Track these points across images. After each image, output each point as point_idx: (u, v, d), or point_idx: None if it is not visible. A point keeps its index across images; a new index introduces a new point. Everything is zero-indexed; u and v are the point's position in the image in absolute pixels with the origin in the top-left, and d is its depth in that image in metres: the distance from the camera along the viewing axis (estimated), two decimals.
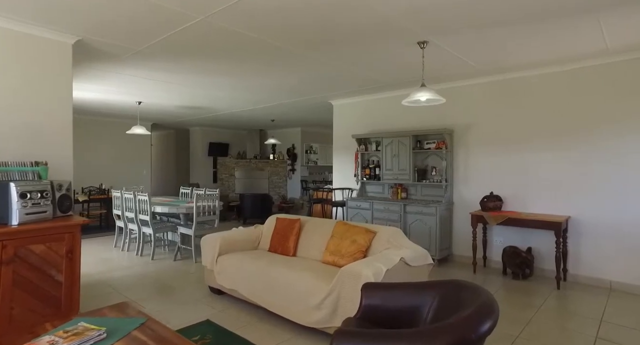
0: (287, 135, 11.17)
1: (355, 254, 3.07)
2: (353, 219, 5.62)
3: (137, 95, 5.93)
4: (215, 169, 11.16)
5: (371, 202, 5.39)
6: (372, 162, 5.92)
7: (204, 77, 4.75)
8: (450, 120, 5.11)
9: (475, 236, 4.42)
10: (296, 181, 11.05)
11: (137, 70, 4.36)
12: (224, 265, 3.47)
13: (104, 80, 4.81)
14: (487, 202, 4.41)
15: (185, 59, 3.94)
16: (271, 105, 6.78)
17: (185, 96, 5.99)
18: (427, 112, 5.35)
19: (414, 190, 5.45)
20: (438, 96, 3.35)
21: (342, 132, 6.45)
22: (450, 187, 5.06)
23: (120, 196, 5.56)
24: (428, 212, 4.82)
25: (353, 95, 5.97)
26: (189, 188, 6.58)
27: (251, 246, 3.92)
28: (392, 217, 5.15)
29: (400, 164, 5.36)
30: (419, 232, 4.90)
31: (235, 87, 5.34)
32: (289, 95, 5.92)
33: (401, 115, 5.65)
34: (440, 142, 5.03)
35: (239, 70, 4.41)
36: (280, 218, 3.88)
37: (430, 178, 5.20)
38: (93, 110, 7.38)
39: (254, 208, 8.20)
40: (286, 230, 3.71)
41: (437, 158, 5.18)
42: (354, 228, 3.24)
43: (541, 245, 4.31)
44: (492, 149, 4.71)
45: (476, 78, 4.78)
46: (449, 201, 5.01)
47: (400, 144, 5.35)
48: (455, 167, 5.07)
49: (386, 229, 3.20)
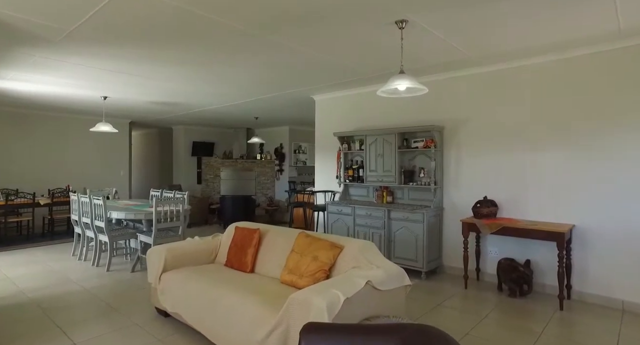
0: (275, 134, 10.65)
1: (317, 273, 2.55)
2: (334, 225, 5.10)
3: (100, 90, 5.41)
4: (199, 170, 10.64)
5: (353, 207, 4.87)
6: (356, 162, 5.40)
7: (163, 67, 4.23)
8: (440, 116, 4.58)
9: (467, 246, 3.90)
10: (284, 182, 10.53)
11: (81, 57, 3.83)
12: (167, 284, 2.95)
13: (48, 69, 4.28)
14: (480, 208, 3.88)
15: (129, 43, 3.42)
16: (249, 100, 6.26)
17: (152, 90, 5.47)
18: (414, 107, 4.83)
19: (400, 194, 4.92)
20: (419, 85, 2.83)
21: (324, 129, 5.93)
22: (440, 191, 4.53)
23: (77, 199, 5.04)
24: (414, 218, 4.29)
25: (335, 89, 5.45)
26: (159, 190, 6.06)
27: (207, 259, 3.40)
28: (376, 224, 4.62)
29: (385, 165, 4.84)
30: (405, 241, 4.37)
31: (205, 80, 4.81)
32: (266, 89, 5.39)
33: (386, 111, 5.13)
34: (428, 140, 4.50)
35: (202, 59, 3.89)
36: (239, 227, 3.36)
37: (418, 180, 4.67)
38: (56, 106, 6.85)
39: (235, 211, 7.68)
40: (244, 241, 3.19)
41: (426, 158, 4.65)
42: (317, 242, 2.71)
43: (541, 258, 3.78)
44: (486, 148, 4.19)
45: (468, 69, 4.25)
46: (438, 206, 4.48)
47: (385, 143, 4.83)
48: (445, 168, 4.55)
49: (355, 243, 2.67)
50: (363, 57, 3.85)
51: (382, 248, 4.54)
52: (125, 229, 5.00)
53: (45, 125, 7.62)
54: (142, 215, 4.52)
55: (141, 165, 12.02)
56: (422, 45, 3.49)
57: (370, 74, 4.48)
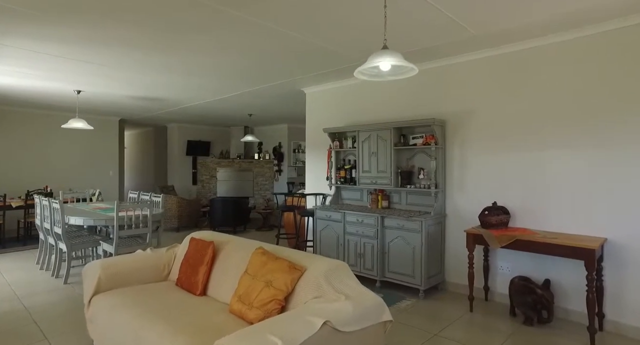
0: (273, 132, 10.11)
1: (269, 304, 1.97)
2: (322, 233, 4.51)
3: (71, 82, 4.94)
4: (194, 170, 10.18)
5: (343, 213, 4.27)
6: (349, 162, 4.80)
7: (124, 56, 3.71)
8: (442, 109, 3.94)
9: (473, 262, 3.26)
10: (283, 183, 9.98)
11: (32, 41, 3.34)
12: (96, 310, 2.41)
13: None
14: (488, 216, 3.24)
15: (71, 20, 2.90)
16: (235, 95, 5.72)
17: (123, 83, 4.97)
18: (411, 99, 4.20)
19: (397, 198, 4.30)
20: (406, 62, 2.22)
21: (315, 125, 5.34)
22: (442, 195, 3.90)
23: (39, 203, 4.57)
24: (411, 227, 3.67)
25: (324, 80, 4.86)
26: (137, 192, 5.57)
27: (157, 276, 2.85)
28: (367, 232, 4.01)
29: (379, 165, 4.22)
30: (400, 253, 3.76)
31: (173, 69, 4.29)
32: (249, 81, 4.84)
33: (381, 103, 4.51)
34: (428, 136, 3.87)
35: (161, 42, 3.36)
36: (195, 239, 2.80)
37: (417, 182, 4.04)
38: (31, 102, 6.43)
39: (224, 214, 7.15)
40: (197, 257, 2.63)
41: (426, 157, 4.02)
42: (274, 262, 2.13)
43: (564, 278, 3.12)
44: (496, 145, 3.54)
45: (475, 52, 3.61)
46: (439, 213, 3.84)
47: (380, 139, 4.21)
48: (448, 169, 3.91)
49: (321, 264, 2.08)
50: (346, 35, 3.25)
51: (375, 260, 3.93)
52: (90, 236, 4.51)
53: (25, 123, 7.23)
54: (103, 221, 4.01)
55: (136, 165, 11.64)
56: (415, 20, 2.87)
57: (356, 58, 3.87)
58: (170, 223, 7.27)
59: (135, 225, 4.09)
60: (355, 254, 4.14)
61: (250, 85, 5.09)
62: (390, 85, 4.41)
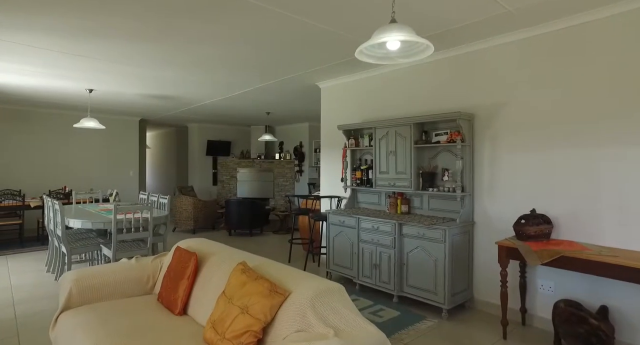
0: (294, 132, 9.80)
1: (243, 336, 1.60)
2: (336, 240, 4.11)
3: (81, 80, 4.82)
4: (215, 170, 10.05)
5: (357, 218, 3.84)
6: (365, 162, 4.37)
7: (127, 48, 3.49)
8: (469, 100, 3.44)
9: (506, 280, 2.75)
10: (304, 184, 9.64)
11: (31, 35, 3.17)
12: (59, 330, 2.13)
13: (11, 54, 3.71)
14: (526, 225, 2.72)
15: (66, 10, 2.67)
16: (248, 90, 5.43)
17: (134, 80, 4.79)
18: (434, 90, 3.71)
19: (418, 202, 3.83)
20: (419, 38, 1.78)
21: (331, 122, 4.95)
22: (469, 200, 3.39)
23: (50, 204, 4.45)
24: (433, 236, 3.20)
25: (339, 73, 4.45)
26: (146, 193, 5.40)
27: (140, 289, 2.56)
28: (384, 241, 3.57)
29: (398, 165, 3.77)
30: (421, 266, 3.29)
31: (185, 64, 4.03)
32: (260, 75, 4.52)
33: (400, 96, 4.05)
34: (454, 133, 3.38)
35: (170, 35, 3.09)
36: (179, 249, 2.48)
37: (441, 185, 3.56)
38: (47, 102, 6.42)
39: (240, 216, 6.89)
40: (179, 270, 2.31)
41: (450, 156, 3.53)
42: (255, 282, 1.76)
43: (628, 306, 2.55)
44: (535, 141, 3.00)
45: (509, 33, 3.09)
46: (466, 220, 3.34)
47: (399, 137, 3.76)
48: (476, 170, 3.40)
49: (310, 287, 1.69)
50: (358, 18, 2.83)
51: (392, 273, 3.48)
52: (94, 238, 4.33)
53: (46, 123, 7.29)
54: (101, 224, 3.80)
55: (159, 165, 11.69)
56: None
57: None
58: (186, 225, 7.10)
59: (134, 229, 3.86)
60: (370, 265, 3.71)
61: (262, 79, 4.77)
62: (410, 76, 3.94)
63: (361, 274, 3.80)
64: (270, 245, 6.12)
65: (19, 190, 6.83)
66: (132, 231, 3.84)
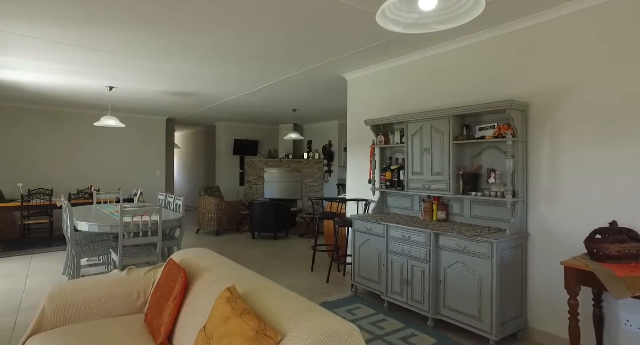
0: (323, 130, 9.38)
1: None
2: (362, 249, 3.64)
3: (102, 78, 4.68)
4: (242, 170, 9.84)
5: (386, 226, 3.35)
6: (396, 161, 3.86)
7: (142, 35, 3.22)
8: (523, 87, 2.85)
9: (577, 311, 2.16)
10: (333, 185, 9.20)
11: (32, 25, 2.97)
12: None
13: (8, 48, 3.56)
14: (604, 242, 2.12)
15: None
16: (270, 85, 5.07)
17: (153, 76, 4.57)
18: (478, 75, 3.14)
19: (458, 208, 3.27)
20: None
21: (358, 118, 4.47)
22: (523, 207, 2.80)
23: (65, 205, 4.31)
24: (477, 250, 2.65)
25: (366, 62, 3.97)
26: (164, 194, 5.18)
27: (130, 308, 2.22)
28: (417, 253, 3.06)
29: (434, 165, 3.24)
30: (462, 285, 2.75)
31: (198, 56, 3.73)
32: (281, 67, 4.14)
33: (437, 85, 3.51)
34: (503, 126, 2.81)
35: (183, 21, 2.78)
36: (171, 262, 2.12)
37: (486, 189, 2.99)
38: (68, 101, 6.39)
39: (264, 220, 6.56)
40: (166, 289, 1.94)
41: (498, 154, 2.95)
42: (239, 319, 1.34)
43: None
44: (613, 137, 2.38)
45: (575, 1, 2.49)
46: (519, 232, 2.76)
47: (435, 132, 3.23)
48: (532, 171, 2.80)
49: (310, 329, 1.24)
50: None
51: (427, 291, 2.96)
52: (106, 242, 4.13)
53: (76, 123, 7.33)
54: (108, 228, 3.56)
55: (188, 165, 11.68)
56: None
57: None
58: (209, 227, 6.88)
59: (143, 233, 3.59)
60: (400, 280, 3.21)
61: (284, 71, 4.38)
62: (449, 62, 3.40)
63: (390, 290, 3.31)
64: (294, 250, 5.73)
65: (51, 190, 6.91)
66: (140, 235, 3.57)
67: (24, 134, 6.85)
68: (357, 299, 3.60)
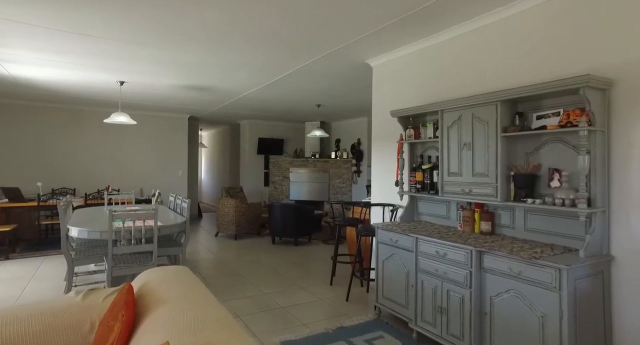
0: (351, 127, 8.79)
1: None
2: (386, 265, 3.03)
3: (110, 71, 4.38)
4: (266, 170, 9.43)
5: (415, 239, 2.72)
6: (429, 159, 3.20)
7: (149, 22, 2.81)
8: (602, 58, 2.12)
9: None
10: (362, 186, 8.57)
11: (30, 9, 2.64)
12: None
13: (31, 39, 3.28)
14: None
15: None
16: (287, 74, 4.55)
17: (158, 67, 4.20)
18: (537, 46, 2.43)
19: (507, 218, 2.58)
20: None
21: (384, 110, 3.85)
22: (602, 219, 2.08)
23: (60, 208, 4.03)
24: (537, 277, 1.97)
25: (394, 43, 3.35)
26: (174, 195, 4.80)
27: (79, 342, 1.76)
28: (454, 275, 2.41)
29: (476, 163, 2.57)
30: (515, 322, 2.08)
31: (200, 41, 3.28)
32: (297, 52, 3.61)
33: (481, 64, 2.82)
34: (573, 111, 2.10)
35: None
36: (125, 290, 1.64)
37: (548, 194, 2.29)
38: (84, 99, 6.21)
39: (285, 223, 6.07)
40: (104, 331, 1.46)
41: (565, 149, 2.24)
42: None
43: None
44: None
45: None
46: (597, 253, 2.04)
47: (477, 122, 2.56)
48: (615, 171, 2.08)
49: None
50: None
51: (467, 324, 2.31)
52: (105, 248, 3.78)
53: (97, 122, 7.20)
54: (98, 234, 3.18)
55: (214, 165, 11.47)
56: None
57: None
58: (228, 230, 6.49)
59: (136, 240, 3.18)
60: (433, 307, 2.57)
61: (301, 58, 3.85)
62: (495, 34, 2.71)
63: (420, 317, 2.68)
64: (315, 258, 5.19)
65: (74, 189, 6.82)
66: (132, 243, 3.16)
67: (44, 133, 6.79)
68: (380, 324, 3.00)
